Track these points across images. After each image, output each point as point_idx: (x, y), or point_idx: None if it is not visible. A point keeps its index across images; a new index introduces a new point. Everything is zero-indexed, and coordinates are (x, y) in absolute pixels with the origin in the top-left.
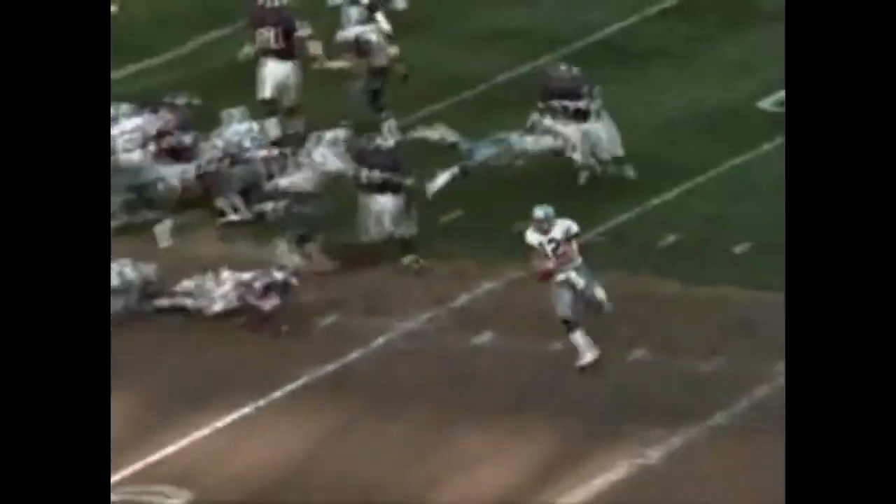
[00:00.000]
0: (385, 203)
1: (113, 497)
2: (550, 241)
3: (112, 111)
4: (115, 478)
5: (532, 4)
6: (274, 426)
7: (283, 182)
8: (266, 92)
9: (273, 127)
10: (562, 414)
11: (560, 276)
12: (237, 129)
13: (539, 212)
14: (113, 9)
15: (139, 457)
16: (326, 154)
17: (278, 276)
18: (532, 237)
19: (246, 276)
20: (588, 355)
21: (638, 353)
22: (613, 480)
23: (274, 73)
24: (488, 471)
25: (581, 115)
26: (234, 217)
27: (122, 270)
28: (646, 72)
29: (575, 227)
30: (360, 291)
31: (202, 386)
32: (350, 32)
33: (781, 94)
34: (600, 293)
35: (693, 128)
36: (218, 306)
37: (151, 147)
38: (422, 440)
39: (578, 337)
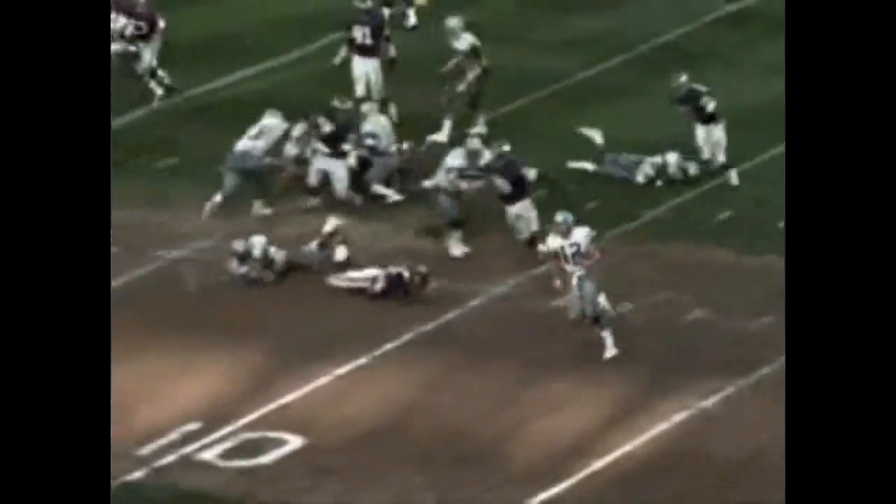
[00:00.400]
0: (524, 209)
1: (230, 443)
2: (572, 244)
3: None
4: (236, 424)
5: (605, 14)
6: (383, 376)
7: (429, 183)
8: (359, 90)
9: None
10: (630, 367)
11: (575, 279)
12: (381, 123)
13: (559, 217)
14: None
15: (261, 405)
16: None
17: (398, 271)
18: (553, 241)
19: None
20: (611, 350)
21: (696, 313)
22: (674, 424)
23: (363, 70)
24: (568, 415)
25: (711, 118)
26: (395, 198)
27: (250, 241)
28: (700, 72)
29: (594, 233)
30: (457, 262)
31: (320, 341)
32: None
33: None
34: (603, 302)
35: (738, 121)
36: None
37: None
38: (510, 388)
39: (604, 334)
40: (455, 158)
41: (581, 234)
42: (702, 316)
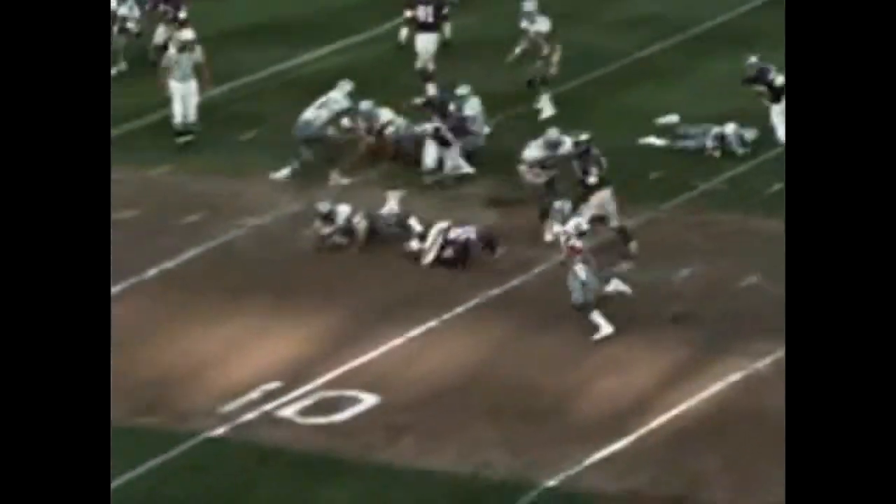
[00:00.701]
0: (604, 196)
1: (309, 401)
2: (564, 232)
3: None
4: (314, 383)
5: None
6: (453, 338)
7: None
8: (419, 63)
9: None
10: (686, 330)
11: (574, 265)
12: (476, 106)
13: (557, 204)
14: None
15: (338, 365)
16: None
17: (467, 237)
18: (556, 228)
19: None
20: (604, 330)
21: (750, 280)
22: (729, 384)
23: (424, 46)
24: (627, 375)
25: (780, 94)
26: (469, 171)
27: (335, 206)
28: (750, 52)
29: (585, 225)
30: (523, 230)
31: (394, 305)
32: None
33: None
34: (615, 285)
35: None
36: (429, 257)
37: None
38: (573, 350)
39: (594, 317)
40: (533, 150)
41: (572, 225)
42: (755, 282)
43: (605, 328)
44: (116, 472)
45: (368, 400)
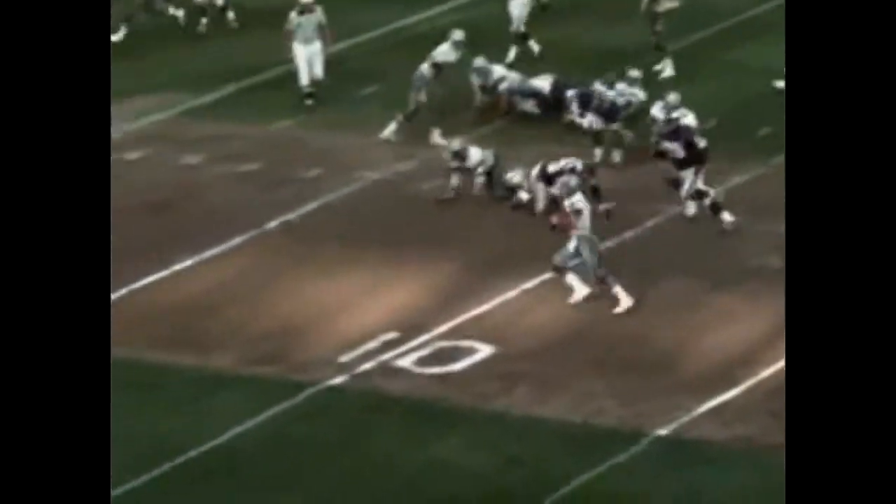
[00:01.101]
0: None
1: (425, 351)
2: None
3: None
4: (431, 334)
5: None
6: (566, 290)
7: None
8: (513, 26)
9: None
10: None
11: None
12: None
13: (563, 179)
14: None
15: (454, 316)
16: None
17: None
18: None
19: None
20: (578, 293)
21: None
22: None
23: (519, 8)
24: (737, 327)
25: None
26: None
27: (466, 146)
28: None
29: (580, 205)
30: (635, 187)
31: (508, 258)
32: None
33: None
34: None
35: None
36: (539, 205)
37: None
38: (680, 302)
39: (567, 279)
40: (657, 111)
41: (570, 201)
42: None
43: (579, 292)
44: (239, 417)
45: (483, 350)
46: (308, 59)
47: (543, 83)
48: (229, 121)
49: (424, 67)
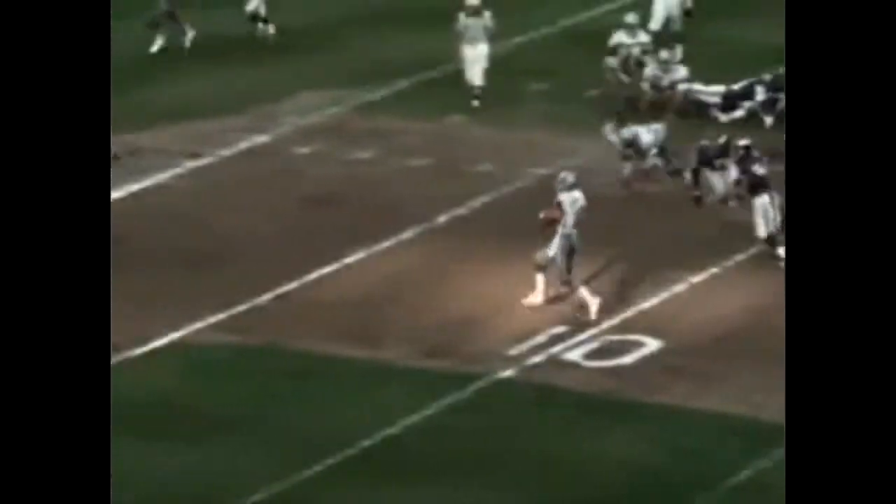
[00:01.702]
0: (763, 205)
1: (594, 344)
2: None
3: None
4: (599, 328)
5: None
6: (734, 284)
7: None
8: (655, 24)
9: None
10: None
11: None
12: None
13: (561, 174)
14: None
15: (622, 310)
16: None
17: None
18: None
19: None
20: (538, 298)
21: None
22: None
23: (664, 7)
24: None
25: None
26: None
27: (638, 135)
28: None
29: (582, 202)
30: None
31: (676, 249)
32: None
33: None
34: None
35: None
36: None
37: None
38: None
39: (540, 278)
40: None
41: (568, 195)
42: None
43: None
44: (410, 409)
45: (651, 344)
46: (474, 60)
47: (719, 88)
48: (401, 116)
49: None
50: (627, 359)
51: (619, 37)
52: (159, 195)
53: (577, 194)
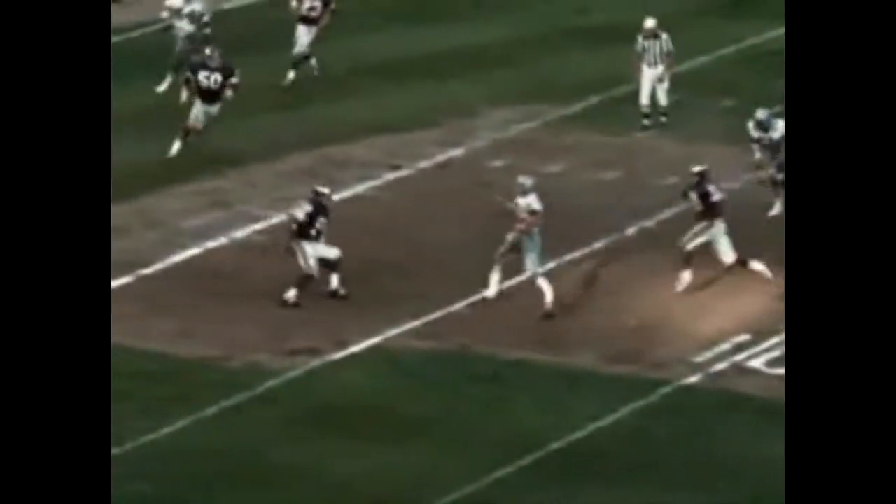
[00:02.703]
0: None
1: (777, 352)
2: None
3: None
4: (782, 336)
5: None
6: None
7: None
8: None
9: None
10: None
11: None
12: None
13: (520, 179)
14: None
15: None
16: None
17: None
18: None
19: None
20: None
21: None
22: None
23: None
24: None
25: None
26: None
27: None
28: None
29: (536, 205)
30: None
31: None
32: None
33: None
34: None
35: None
36: None
37: None
38: None
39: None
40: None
41: (523, 200)
42: None
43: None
44: (599, 413)
45: None
46: (652, 81)
47: None
48: (593, 131)
49: None
50: None
51: None
52: (358, 205)
53: (531, 199)
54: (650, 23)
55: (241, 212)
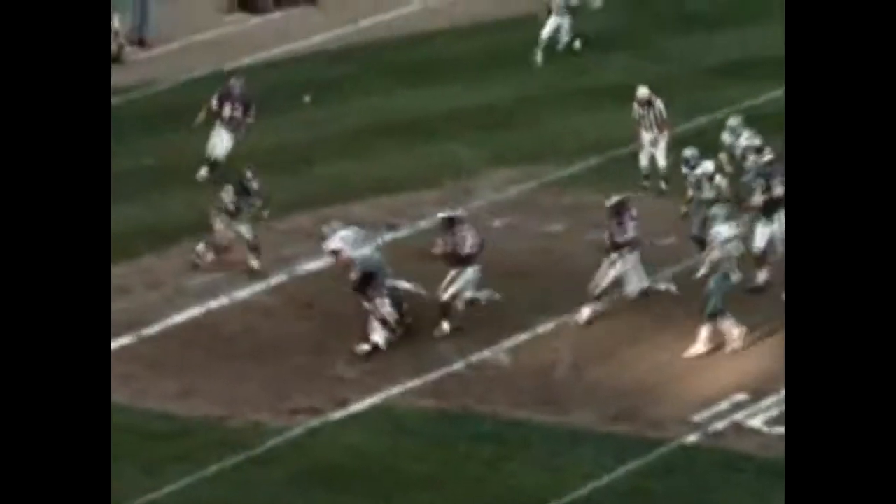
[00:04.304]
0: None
1: (775, 411)
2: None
3: None
4: (779, 395)
5: None
6: None
7: None
8: None
9: None
10: None
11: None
12: None
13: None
14: None
15: None
16: None
17: None
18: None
19: None
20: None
21: None
22: None
23: None
24: None
25: None
26: None
27: None
28: None
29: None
30: None
31: None
32: None
33: None
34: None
35: None
36: None
37: None
38: None
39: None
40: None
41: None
42: None
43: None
44: (597, 472)
45: None
46: (649, 145)
47: None
48: (593, 191)
49: None
50: None
51: None
52: None
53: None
54: (643, 91)
55: (242, 272)
